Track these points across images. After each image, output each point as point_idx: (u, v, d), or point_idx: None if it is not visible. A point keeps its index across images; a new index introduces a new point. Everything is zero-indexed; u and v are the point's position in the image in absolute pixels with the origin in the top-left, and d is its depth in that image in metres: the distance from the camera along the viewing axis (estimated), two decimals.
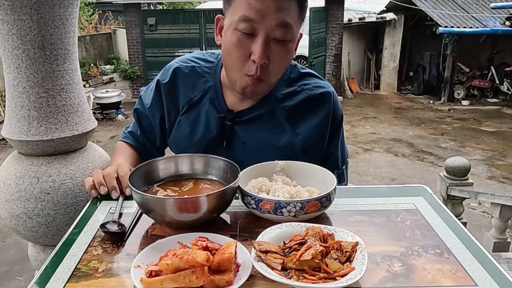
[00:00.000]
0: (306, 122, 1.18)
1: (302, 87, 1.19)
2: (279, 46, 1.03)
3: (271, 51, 1.02)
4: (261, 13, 0.98)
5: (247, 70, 1.04)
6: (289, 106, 1.17)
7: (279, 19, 0.99)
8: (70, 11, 1.59)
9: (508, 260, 3.23)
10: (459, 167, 3.61)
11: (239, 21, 1.00)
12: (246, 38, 1.02)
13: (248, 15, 0.99)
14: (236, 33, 1.02)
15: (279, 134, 1.17)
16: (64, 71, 1.62)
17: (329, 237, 0.80)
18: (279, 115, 1.17)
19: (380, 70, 11.75)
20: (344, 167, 1.29)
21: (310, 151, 1.17)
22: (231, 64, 1.07)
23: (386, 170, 6.28)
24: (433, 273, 0.76)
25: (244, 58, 1.03)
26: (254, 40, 1.01)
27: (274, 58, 1.03)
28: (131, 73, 10.48)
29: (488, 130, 8.35)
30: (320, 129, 1.18)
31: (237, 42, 1.02)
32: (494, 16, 9.80)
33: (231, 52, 1.05)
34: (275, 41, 1.02)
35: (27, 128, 1.60)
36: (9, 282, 3.58)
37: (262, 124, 1.16)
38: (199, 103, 1.21)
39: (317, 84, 1.20)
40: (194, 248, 0.73)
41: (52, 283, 0.75)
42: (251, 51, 1.02)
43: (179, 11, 11.38)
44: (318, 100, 1.18)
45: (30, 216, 1.62)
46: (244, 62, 1.04)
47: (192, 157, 1.06)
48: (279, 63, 1.06)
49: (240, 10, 1.00)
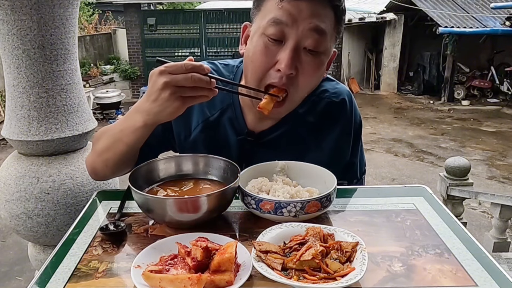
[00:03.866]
0: (329, 134, 1.10)
1: (321, 96, 1.10)
2: (310, 57, 0.93)
3: (301, 61, 0.92)
4: (293, 17, 0.90)
5: (269, 78, 0.93)
6: (312, 120, 1.08)
7: (313, 24, 0.90)
8: (70, 11, 1.59)
9: (508, 260, 3.23)
10: (459, 167, 3.61)
11: (268, 25, 0.91)
12: (274, 45, 0.92)
13: (279, 17, 0.90)
14: (263, 38, 0.93)
15: (304, 152, 1.07)
16: (64, 71, 1.62)
17: (329, 237, 0.80)
18: (302, 132, 1.09)
19: (380, 70, 11.76)
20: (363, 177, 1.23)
21: (335, 163, 1.07)
22: (252, 72, 0.96)
23: (386, 170, 6.28)
24: (433, 273, 0.76)
25: (269, 66, 0.93)
26: (282, 46, 0.92)
27: (303, 70, 0.93)
28: (131, 73, 10.49)
29: (488, 130, 8.35)
30: (343, 138, 1.12)
31: (263, 48, 0.92)
32: (494, 16, 9.80)
33: (254, 59, 0.95)
34: (306, 50, 0.93)
35: (27, 128, 1.60)
36: (9, 282, 3.58)
37: (285, 144, 1.06)
38: (217, 123, 1.10)
39: (334, 89, 1.12)
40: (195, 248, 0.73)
41: (52, 283, 0.74)
42: (278, 59, 0.92)
43: (179, 11, 11.39)
44: (339, 107, 1.10)
45: (30, 216, 1.62)
46: (267, 71, 0.94)
47: (192, 157, 1.06)
48: (308, 77, 0.95)
49: (270, 13, 0.92)
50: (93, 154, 1.08)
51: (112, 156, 1.01)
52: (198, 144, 1.11)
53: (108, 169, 1.04)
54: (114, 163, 1.02)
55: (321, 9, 0.91)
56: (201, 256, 0.72)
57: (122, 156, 0.99)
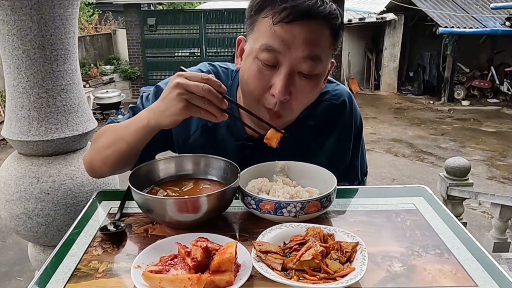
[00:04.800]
0: (330, 136, 1.10)
1: (321, 98, 1.08)
2: (305, 81, 0.92)
3: (295, 85, 0.91)
4: (286, 43, 0.88)
5: (266, 102, 0.94)
6: (312, 123, 1.08)
7: (307, 52, 0.88)
8: (70, 12, 1.59)
9: (508, 261, 3.23)
10: (459, 167, 3.61)
11: (261, 50, 0.90)
12: (268, 69, 0.91)
13: (271, 44, 0.88)
14: (257, 63, 0.92)
15: (304, 156, 1.06)
16: (64, 72, 1.62)
17: (329, 237, 0.80)
18: (303, 136, 1.08)
19: (380, 70, 11.76)
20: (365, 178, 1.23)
21: (335, 165, 1.06)
22: (249, 95, 0.97)
23: (386, 170, 6.28)
24: (433, 273, 0.76)
25: (264, 90, 0.93)
26: (276, 72, 0.91)
27: (298, 94, 0.93)
28: (131, 74, 10.49)
29: (488, 131, 8.35)
30: (344, 139, 1.12)
31: (256, 73, 0.92)
32: (494, 16, 9.80)
33: (249, 82, 0.95)
34: (301, 75, 0.91)
35: (27, 128, 1.60)
36: (9, 282, 3.58)
37: (285, 149, 1.00)
38: (215, 128, 1.09)
39: (335, 91, 1.11)
40: (195, 249, 0.73)
41: (52, 283, 0.74)
42: (272, 83, 0.91)
43: (179, 12, 11.39)
44: (339, 109, 1.10)
45: (30, 217, 1.62)
46: (263, 93, 0.94)
47: (192, 158, 1.06)
48: (303, 99, 0.95)
49: (262, 37, 0.90)
50: (92, 151, 1.07)
51: (112, 153, 1.00)
52: (197, 148, 1.10)
53: (106, 167, 1.04)
54: (113, 161, 1.01)
55: (315, 33, 0.89)
56: (201, 256, 0.72)
57: (122, 154, 0.99)
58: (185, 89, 0.83)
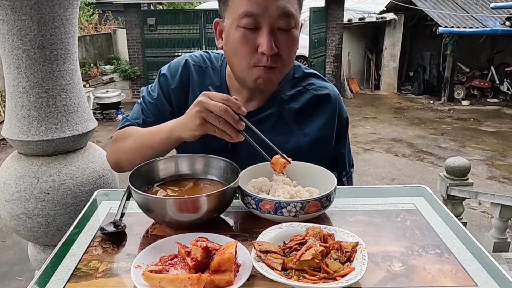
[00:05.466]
0: (312, 122, 1.18)
1: (307, 88, 1.19)
2: (285, 34, 1.04)
3: (278, 40, 1.03)
4: (262, 6, 0.99)
5: (257, 62, 1.04)
6: (295, 107, 1.17)
7: (281, 9, 1.00)
8: (70, 11, 1.59)
9: (508, 260, 3.23)
10: (459, 167, 3.61)
11: (241, 18, 1.01)
12: (251, 33, 1.02)
13: (250, 10, 1.00)
14: (239, 30, 1.02)
15: (286, 135, 1.15)
16: (64, 71, 1.62)
17: (329, 237, 0.80)
18: (286, 117, 1.17)
19: (380, 70, 11.75)
20: (352, 170, 1.28)
21: (317, 151, 1.16)
22: (237, 61, 1.06)
23: (386, 170, 6.28)
24: (433, 273, 0.76)
25: (251, 52, 1.03)
26: (258, 33, 1.02)
27: (283, 47, 1.04)
28: (131, 73, 10.48)
29: (488, 130, 8.35)
30: (327, 129, 1.19)
31: (242, 38, 1.02)
32: (494, 16, 9.80)
33: (236, 50, 1.05)
34: (280, 30, 1.03)
35: (27, 128, 1.60)
36: (9, 282, 3.58)
37: (269, 125, 1.14)
38: None
39: (321, 84, 1.21)
40: (195, 248, 0.73)
41: (52, 283, 0.74)
42: (257, 44, 1.02)
43: (179, 11, 11.38)
44: (323, 100, 1.19)
45: (30, 216, 1.62)
46: (251, 56, 1.04)
47: (192, 157, 1.06)
48: (289, 50, 1.06)
49: (240, 7, 1.01)
50: (117, 151, 1.16)
51: (138, 157, 1.07)
52: None
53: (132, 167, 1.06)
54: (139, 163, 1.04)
55: None
56: (201, 256, 0.72)
57: (148, 158, 1.05)
58: (204, 107, 0.91)
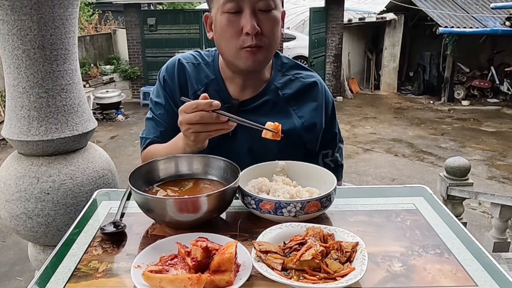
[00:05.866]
0: (305, 106, 1.27)
1: (296, 76, 1.30)
2: (266, 15, 1.12)
3: (260, 21, 1.10)
4: None
5: (243, 43, 1.11)
6: (288, 93, 1.27)
7: None
8: (70, 11, 1.59)
9: (508, 260, 3.23)
10: (459, 167, 3.61)
11: (224, 3, 1.09)
12: (234, 16, 1.10)
13: None
14: (224, 15, 1.11)
15: (283, 119, 1.21)
16: (64, 71, 1.62)
17: (329, 237, 0.80)
18: (280, 102, 1.26)
19: (380, 70, 11.75)
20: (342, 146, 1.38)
21: (312, 130, 1.26)
22: (226, 45, 1.14)
23: (386, 170, 6.28)
24: (433, 273, 0.76)
25: (237, 34, 1.11)
26: (241, 15, 1.10)
27: (265, 26, 1.11)
28: (131, 73, 10.47)
29: (488, 130, 8.35)
30: (318, 111, 1.28)
31: (227, 22, 1.11)
32: (494, 16, 9.80)
33: (223, 34, 1.13)
34: (261, 11, 1.11)
35: (27, 128, 1.60)
36: (9, 282, 3.58)
37: (266, 111, 1.23)
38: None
39: (307, 74, 1.32)
40: (195, 248, 0.73)
41: (52, 283, 0.75)
42: (242, 25, 1.10)
43: (179, 11, 11.38)
44: (311, 87, 1.29)
45: (30, 216, 1.62)
46: (238, 38, 1.11)
47: (192, 157, 1.06)
48: (271, 29, 1.14)
49: None
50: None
51: None
52: None
53: None
54: None
55: None
56: (201, 256, 0.72)
57: None
58: (186, 123, 0.98)
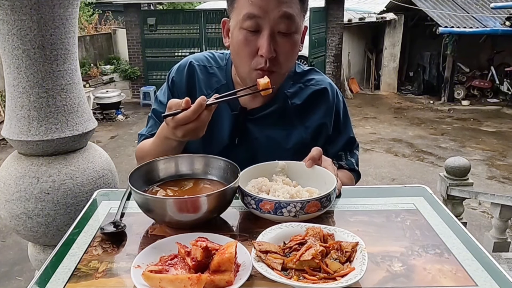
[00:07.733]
0: (313, 115, 1.24)
1: (306, 84, 1.26)
2: (285, 39, 1.07)
3: (277, 44, 1.06)
4: (263, 9, 1.02)
5: (256, 64, 1.07)
6: (297, 102, 1.23)
7: (282, 12, 1.03)
8: (70, 11, 1.59)
9: (508, 260, 3.23)
10: (459, 167, 3.61)
11: (244, 20, 1.04)
12: (252, 35, 1.06)
13: (251, 12, 1.03)
14: (242, 32, 1.06)
15: (290, 130, 1.21)
16: (64, 71, 1.62)
17: (329, 237, 0.80)
18: (289, 112, 1.23)
19: (380, 70, 11.75)
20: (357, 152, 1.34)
21: (318, 139, 1.23)
22: (240, 62, 1.11)
23: (386, 170, 6.28)
24: (433, 273, 0.76)
25: (252, 54, 1.07)
26: (259, 35, 1.05)
27: (281, 50, 1.07)
28: (131, 73, 10.48)
29: (488, 130, 8.35)
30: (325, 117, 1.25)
31: (244, 40, 1.06)
32: (494, 16, 9.80)
33: (239, 51, 1.09)
34: (280, 34, 1.06)
35: (27, 128, 1.60)
36: (9, 282, 3.58)
37: (274, 121, 1.21)
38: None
39: (319, 80, 1.28)
40: (195, 248, 0.73)
41: (52, 283, 0.75)
42: (258, 46, 1.05)
43: (179, 11, 11.38)
44: (321, 94, 1.25)
45: (30, 216, 1.62)
46: (252, 58, 1.07)
47: (192, 157, 1.06)
48: (287, 54, 1.09)
49: (243, 9, 1.04)
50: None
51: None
52: None
53: None
54: None
55: None
56: (201, 256, 0.72)
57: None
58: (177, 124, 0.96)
